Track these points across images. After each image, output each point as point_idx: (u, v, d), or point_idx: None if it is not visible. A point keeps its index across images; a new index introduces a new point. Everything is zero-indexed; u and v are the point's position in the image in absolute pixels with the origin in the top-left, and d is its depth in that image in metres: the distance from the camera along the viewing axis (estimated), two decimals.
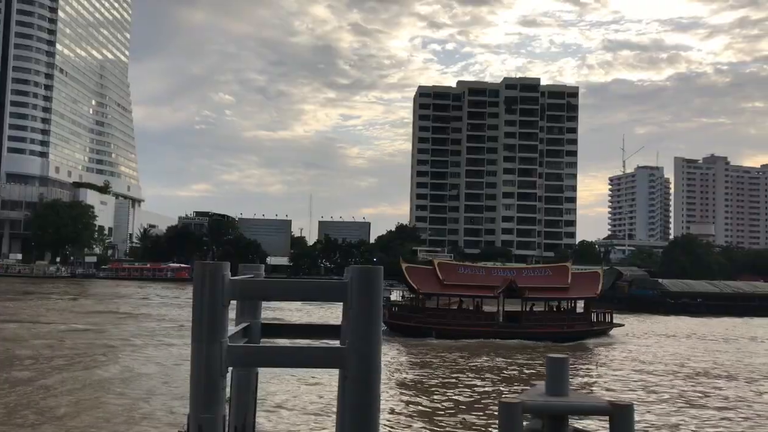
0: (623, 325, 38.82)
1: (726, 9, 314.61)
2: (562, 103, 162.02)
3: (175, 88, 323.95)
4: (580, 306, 38.07)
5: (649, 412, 17.58)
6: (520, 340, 32.60)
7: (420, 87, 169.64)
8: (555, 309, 37.43)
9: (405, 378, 22.67)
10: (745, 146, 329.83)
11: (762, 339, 41.83)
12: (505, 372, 24.55)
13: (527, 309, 36.13)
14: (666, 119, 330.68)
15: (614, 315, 38.67)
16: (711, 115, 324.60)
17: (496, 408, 5.73)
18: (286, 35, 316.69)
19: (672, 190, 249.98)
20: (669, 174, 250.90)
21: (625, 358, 30.23)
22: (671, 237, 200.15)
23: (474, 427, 15.31)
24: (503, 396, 9.67)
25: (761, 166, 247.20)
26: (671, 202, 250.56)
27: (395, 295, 65.88)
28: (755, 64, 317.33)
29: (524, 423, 5.78)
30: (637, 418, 15.71)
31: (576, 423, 6.09)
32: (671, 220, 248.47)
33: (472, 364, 26.39)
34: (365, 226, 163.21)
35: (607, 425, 5.60)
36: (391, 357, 27.44)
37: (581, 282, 37.01)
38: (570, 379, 5.83)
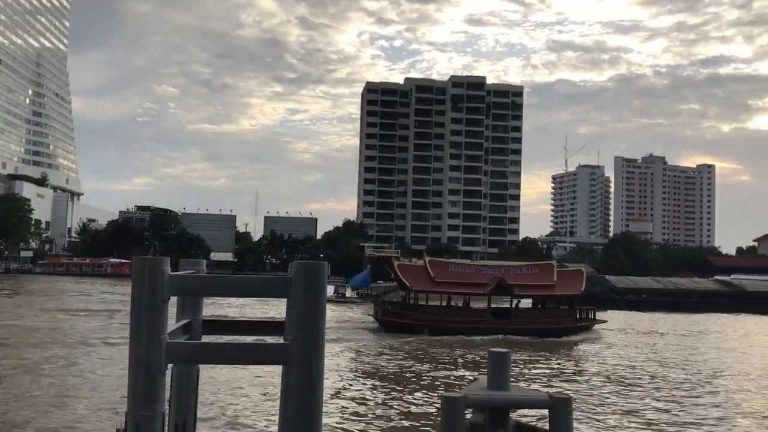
0: (606, 321, 39.94)
1: (664, 13, 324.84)
2: (507, 102, 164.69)
3: (116, 80, 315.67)
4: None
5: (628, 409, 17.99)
6: (509, 336, 33.34)
7: (368, 83, 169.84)
8: (540, 306, 38.42)
9: (375, 371, 22.68)
10: (682, 147, 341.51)
11: (724, 334, 43.38)
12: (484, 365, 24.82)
13: (514, 306, 37.20)
14: (607, 119, 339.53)
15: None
16: (650, 116, 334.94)
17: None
18: (233, 28, 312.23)
19: (612, 189, 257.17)
20: (609, 173, 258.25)
21: (609, 352, 31.09)
22: (611, 234, 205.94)
23: (424, 421, 15.42)
24: (446, 391, 9.75)
25: (697, 166, 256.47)
26: (611, 200, 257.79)
27: (349, 292, 66.46)
28: (691, 68, 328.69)
29: (467, 417, 5.84)
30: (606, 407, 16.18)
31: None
32: (611, 217, 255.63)
33: (458, 359, 26.80)
34: (312, 222, 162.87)
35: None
36: (385, 353, 27.77)
37: (566, 280, 38.11)
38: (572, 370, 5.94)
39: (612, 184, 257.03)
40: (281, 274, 4.74)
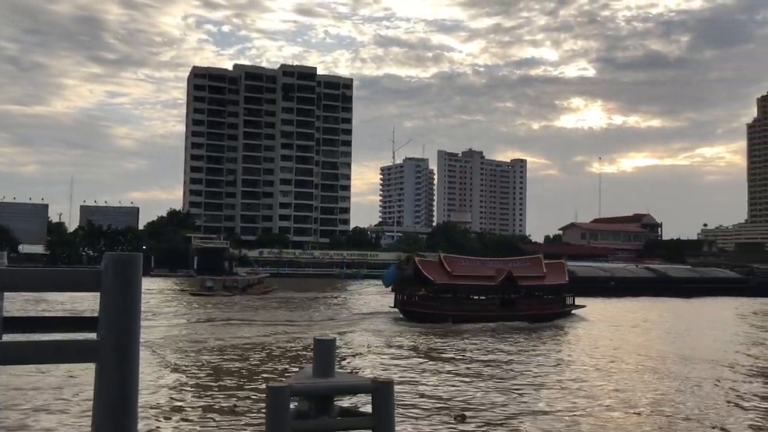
0: (585, 306, 43.99)
1: (483, 15, 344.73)
2: (337, 94, 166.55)
3: None
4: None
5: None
6: (516, 322, 37.28)
7: (194, 67, 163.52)
8: (532, 295, 41.83)
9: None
10: (497, 142, 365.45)
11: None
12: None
13: (512, 296, 40.64)
14: (431, 114, 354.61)
15: None
16: (469, 112, 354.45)
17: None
18: (44, 2, 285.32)
19: (436, 181, 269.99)
20: (433, 165, 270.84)
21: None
22: (434, 223, 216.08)
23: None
24: (270, 381, 9.64)
25: (511, 160, 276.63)
26: (435, 192, 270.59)
27: (211, 283, 64.15)
28: (506, 68, 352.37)
29: (292, 406, 5.86)
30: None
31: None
32: (435, 207, 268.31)
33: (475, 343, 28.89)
34: (134, 212, 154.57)
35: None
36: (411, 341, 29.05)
37: (553, 271, 42.56)
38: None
39: (435, 177, 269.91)
40: (99, 267, 4.39)
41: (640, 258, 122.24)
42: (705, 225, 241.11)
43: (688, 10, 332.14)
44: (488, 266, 41.81)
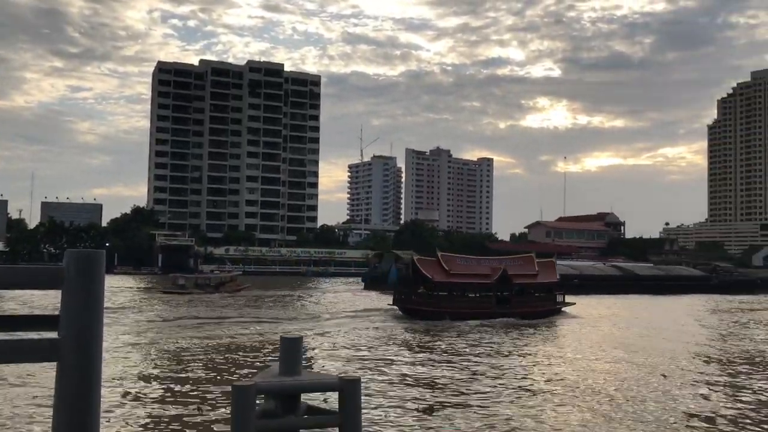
0: (575, 303, 44.87)
1: (450, 14, 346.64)
2: (305, 91, 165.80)
3: None
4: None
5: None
6: (512, 319, 38.20)
7: (159, 62, 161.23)
8: (526, 293, 42.43)
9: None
10: (465, 141, 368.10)
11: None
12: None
13: (507, 294, 41.25)
14: (399, 112, 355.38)
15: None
16: (437, 111, 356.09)
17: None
18: None
19: (403, 179, 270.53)
20: (401, 163, 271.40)
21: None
22: (402, 221, 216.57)
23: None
24: (237, 380, 9.56)
25: (478, 159, 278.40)
26: (403, 190, 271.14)
27: (183, 281, 63.07)
28: (474, 67, 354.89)
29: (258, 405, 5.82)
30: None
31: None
32: (402, 205, 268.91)
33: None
34: (96, 208, 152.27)
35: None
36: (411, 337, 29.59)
37: (544, 269, 43.31)
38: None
39: (403, 175, 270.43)
40: (60, 264, 4.28)
41: (604, 256, 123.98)
42: (667, 224, 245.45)
43: (652, 12, 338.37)
44: (484, 265, 42.48)
